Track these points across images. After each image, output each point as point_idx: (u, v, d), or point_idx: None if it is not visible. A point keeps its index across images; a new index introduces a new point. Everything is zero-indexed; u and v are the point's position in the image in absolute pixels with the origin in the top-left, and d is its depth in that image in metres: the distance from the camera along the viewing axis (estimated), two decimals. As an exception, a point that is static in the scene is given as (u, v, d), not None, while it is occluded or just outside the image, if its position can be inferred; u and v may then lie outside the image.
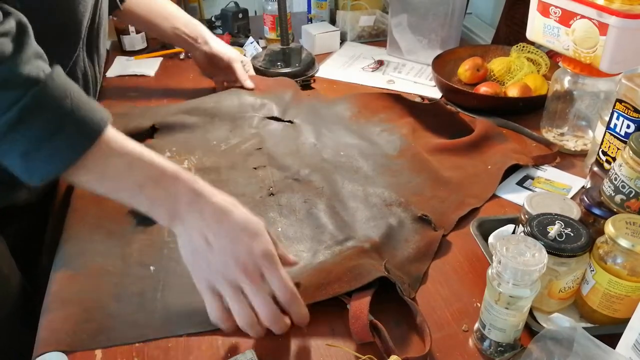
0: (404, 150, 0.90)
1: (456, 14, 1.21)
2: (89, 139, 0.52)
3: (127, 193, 0.55)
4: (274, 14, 1.31)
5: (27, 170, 0.51)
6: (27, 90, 0.49)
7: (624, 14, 0.73)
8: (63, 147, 0.51)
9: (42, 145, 0.50)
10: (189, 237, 0.55)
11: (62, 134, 0.51)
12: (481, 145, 0.90)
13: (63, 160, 0.51)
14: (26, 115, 0.49)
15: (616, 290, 0.55)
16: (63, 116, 0.51)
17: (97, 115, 0.53)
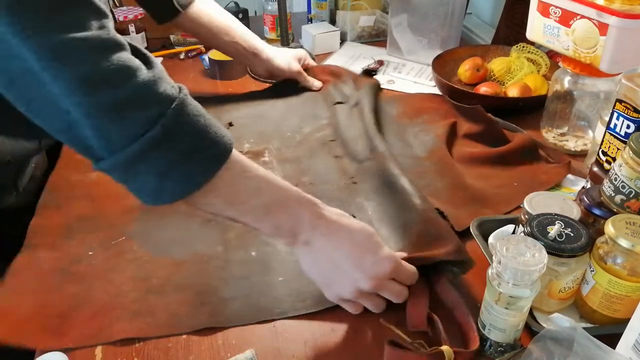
0: (434, 151, 0.89)
1: (456, 14, 1.21)
2: (221, 159, 0.52)
3: (253, 217, 0.56)
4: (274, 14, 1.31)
5: (159, 190, 0.51)
6: (167, 106, 0.49)
7: (624, 14, 0.73)
8: (198, 166, 0.51)
9: (180, 165, 0.50)
10: (315, 259, 0.58)
11: (198, 153, 0.51)
12: (512, 159, 0.87)
13: (197, 181, 0.51)
14: (169, 132, 0.48)
15: (616, 290, 0.55)
16: (199, 134, 0.51)
17: (225, 134, 0.53)
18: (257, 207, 0.55)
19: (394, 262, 0.58)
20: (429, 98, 1.06)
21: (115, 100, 0.46)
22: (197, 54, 1.30)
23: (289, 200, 0.57)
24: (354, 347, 0.57)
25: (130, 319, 0.60)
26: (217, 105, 1.05)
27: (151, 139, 0.48)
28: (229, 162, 0.53)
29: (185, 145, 0.50)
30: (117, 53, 0.47)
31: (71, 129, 0.48)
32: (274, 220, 0.56)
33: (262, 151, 0.91)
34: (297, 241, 0.57)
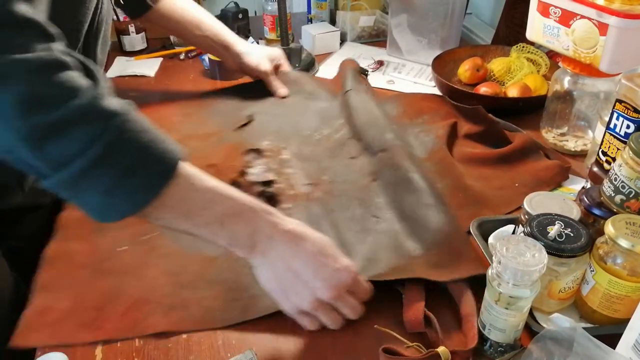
0: (434, 152, 0.89)
1: (456, 14, 1.21)
2: (167, 174, 0.51)
3: (207, 229, 0.55)
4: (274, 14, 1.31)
5: (105, 208, 0.50)
6: (108, 123, 0.48)
7: (624, 14, 0.73)
8: (143, 183, 0.50)
9: (124, 182, 0.49)
10: (273, 267, 0.57)
11: (143, 169, 0.50)
12: (513, 160, 0.87)
13: (143, 198, 0.50)
14: (110, 149, 0.48)
15: (616, 290, 0.55)
16: (143, 150, 0.50)
17: (172, 149, 0.52)
18: (210, 220, 0.54)
19: (354, 272, 0.58)
20: (429, 98, 1.06)
21: (52, 121, 0.46)
22: (197, 54, 1.30)
23: (244, 210, 0.56)
24: (354, 347, 0.57)
25: (164, 313, 0.60)
26: (238, 101, 1.06)
27: (93, 156, 0.47)
28: (178, 176, 0.52)
29: (128, 162, 0.49)
30: (57, 73, 0.47)
31: (12, 152, 0.47)
32: (229, 231, 0.55)
33: (281, 149, 0.91)
34: (255, 251, 0.56)
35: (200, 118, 1.01)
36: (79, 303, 0.62)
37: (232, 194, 0.56)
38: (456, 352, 0.53)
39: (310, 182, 0.83)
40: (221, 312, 0.61)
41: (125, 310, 0.61)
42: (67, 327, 0.59)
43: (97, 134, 0.47)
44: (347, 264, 0.58)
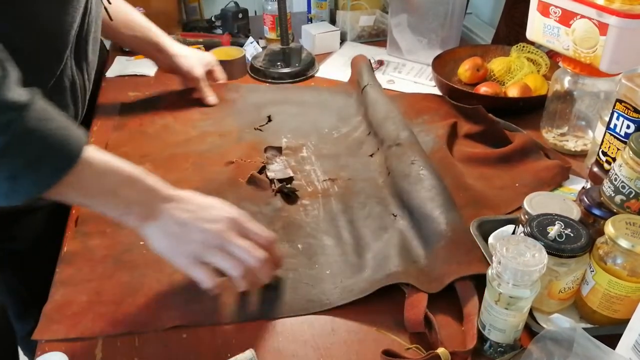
0: (434, 152, 0.89)
1: (456, 14, 1.21)
2: (70, 161, 0.53)
3: (102, 200, 0.57)
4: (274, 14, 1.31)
5: (10, 193, 0.52)
6: (14, 115, 0.50)
7: (624, 14, 0.73)
8: (48, 169, 0.52)
9: (29, 170, 0.51)
10: (164, 228, 0.58)
11: (47, 158, 0.52)
12: (513, 159, 0.87)
13: (48, 182, 0.52)
14: (15, 140, 0.50)
15: (616, 290, 0.55)
16: (48, 139, 0.52)
17: (74, 134, 0.54)
18: (105, 190, 0.56)
19: (242, 216, 0.60)
20: (429, 98, 1.06)
21: None
22: (197, 53, 1.29)
23: (137, 179, 0.58)
24: (354, 347, 0.57)
25: (180, 307, 0.61)
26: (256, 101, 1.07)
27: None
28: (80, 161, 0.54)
29: (33, 151, 0.51)
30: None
31: None
32: (123, 199, 0.57)
33: (300, 147, 0.92)
34: (147, 219, 0.58)
35: (219, 117, 1.02)
36: (99, 297, 0.63)
37: (125, 166, 0.58)
38: (456, 353, 0.53)
39: (328, 178, 0.84)
40: (237, 307, 0.62)
41: (144, 304, 0.62)
42: (87, 320, 0.60)
43: (1, 125, 0.49)
44: (236, 211, 0.61)
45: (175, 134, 0.96)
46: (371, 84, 1.04)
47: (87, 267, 0.67)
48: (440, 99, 1.05)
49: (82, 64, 0.77)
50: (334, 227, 0.74)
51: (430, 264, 0.66)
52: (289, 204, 0.79)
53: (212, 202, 0.61)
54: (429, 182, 0.76)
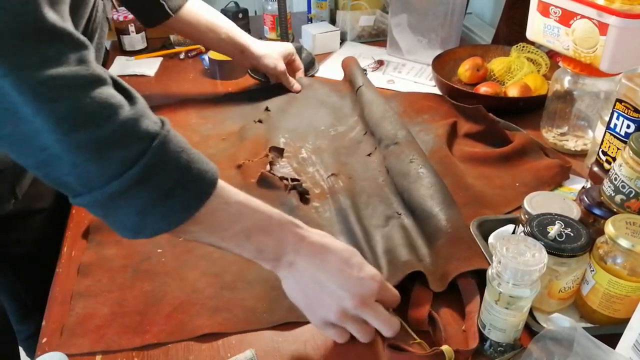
0: (434, 152, 0.89)
1: (456, 13, 1.21)
2: (203, 195, 0.50)
3: (234, 243, 0.54)
4: (274, 14, 1.31)
5: (140, 226, 0.49)
6: (149, 144, 0.47)
7: (624, 14, 0.73)
8: (180, 204, 0.49)
9: (161, 203, 0.48)
10: (299, 281, 0.56)
11: (180, 191, 0.49)
12: (514, 159, 0.87)
13: (179, 218, 0.49)
14: (150, 171, 0.47)
15: (616, 290, 0.55)
16: (181, 171, 0.49)
17: (209, 167, 0.52)
18: (238, 233, 0.54)
19: (379, 281, 0.57)
20: (429, 97, 1.06)
21: (95, 139, 0.45)
22: (197, 54, 1.30)
23: (271, 224, 0.55)
24: (354, 347, 0.57)
25: (209, 315, 0.61)
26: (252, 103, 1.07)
27: (131, 177, 0.46)
28: (213, 198, 0.51)
29: (167, 183, 0.48)
30: (97, 89, 0.46)
31: (46, 166, 0.46)
32: (256, 244, 0.54)
33: (299, 148, 0.91)
34: (281, 264, 0.56)
35: (218, 120, 1.01)
36: (121, 308, 0.61)
37: (261, 207, 0.55)
38: (459, 351, 0.53)
39: (331, 174, 0.84)
40: (266, 313, 0.61)
41: (170, 313, 0.61)
42: (112, 332, 0.58)
43: (137, 155, 0.46)
44: (372, 273, 0.57)
45: None
46: (366, 84, 1.04)
47: (105, 278, 0.65)
48: (440, 98, 1.05)
49: None
50: (346, 226, 0.73)
51: (433, 262, 0.66)
52: (304, 203, 0.78)
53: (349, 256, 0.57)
54: (428, 179, 0.76)
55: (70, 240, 0.72)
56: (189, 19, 1.01)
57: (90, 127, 0.44)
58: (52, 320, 0.60)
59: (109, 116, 0.45)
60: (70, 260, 0.69)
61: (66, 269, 0.67)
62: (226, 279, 0.65)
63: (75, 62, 0.45)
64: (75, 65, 0.45)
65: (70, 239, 0.73)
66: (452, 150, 0.91)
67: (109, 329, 0.59)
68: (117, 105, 0.46)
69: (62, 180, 0.47)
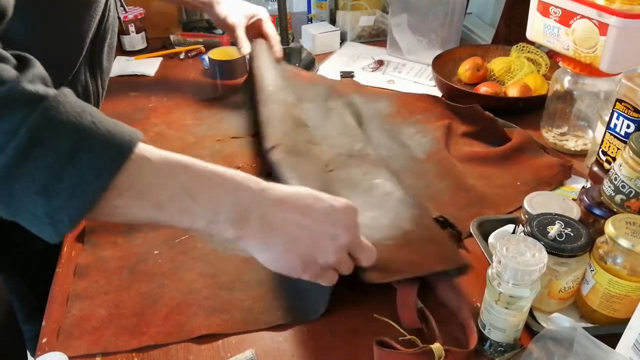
0: (433, 153, 0.88)
1: (456, 14, 1.21)
2: (121, 155, 0.42)
3: (178, 207, 0.44)
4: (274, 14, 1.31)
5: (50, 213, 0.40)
6: (34, 107, 0.39)
7: (624, 14, 0.73)
8: (90, 170, 0.40)
9: (64, 172, 0.40)
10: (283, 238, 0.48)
11: (86, 155, 0.40)
12: (513, 157, 0.87)
13: (92, 188, 0.40)
14: (37, 135, 0.39)
15: (616, 290, 0.55)
16: (83, 132, 0.41)
17: (126, 129, 0.43)
18: (178, 194, 0.44)
19: (355, 207, 0.52)
20: (423, 98, 1.06)
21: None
22: (197, 54, 1.30)
23: (216, 176, 0.46)
24: (354, 347, 0.57)
25: (206, 316, 0.60)
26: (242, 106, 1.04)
27: (16, 147, 0.38)
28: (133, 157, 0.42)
29: (64, 148, 0.39)
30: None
31: None
32: (206, 204, 0.45)
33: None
34: (249, 225, 0.46)
35: (213, 121, 1.01)
36: (118, 309, 0.61)
37: (197, 162, 0.46)
38: (452, 352, 0.53)
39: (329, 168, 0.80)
40: (264, 314, 0.60)
41: (167, 314, 0.61)
42: (109, 334, 0.58)
43: (18, 120, 0.39)
44: (343, 200, 0.52)
45: (172, 141, 0.94)
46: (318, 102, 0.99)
47: (102, 279, 0.65)
48: (434, 99, 1.05)
49: (96, 70, 0.76)
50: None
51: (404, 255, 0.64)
52: None
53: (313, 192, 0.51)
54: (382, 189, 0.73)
55: (70, 240, 0.72)
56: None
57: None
58: (51, 320, 0.60)
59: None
60: (70, 261, 0.69)
61: (66, 269, 0.68)
62: (223, 279, 0.65)
63: None
64: None
65: (70, 239, 0.72)
66: (451, 151, 0.91)
67: (106, 331, 0.58)
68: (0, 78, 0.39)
69: None
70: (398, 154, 0.89)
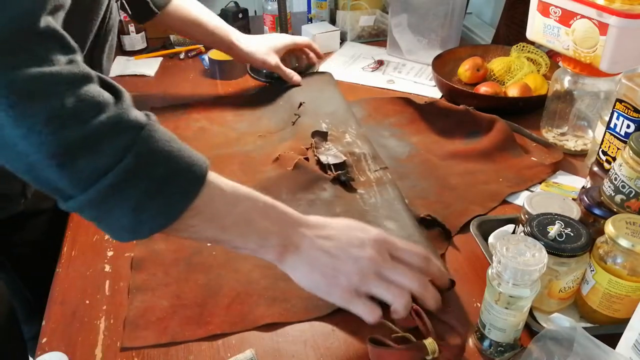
0: (413, 155, 0.89)
1: (456, 13, 1.21)
2: (199, 181, 0.49)
3: (237, 231, 0.53)
4: (274, 14, 1.31)
5: (135, 224, 0.47)
6: (137, 133, 0.46)
7: (624, 14, 0.73)
8: (176, 193, 0.48)
9: (156, 194, 0.47)
10: (309, 260, 0.54)
11: (174, 180, 0.48)
12: (495, 155, 0.89)
13: (176, 208, 0.48)
14: (141, 160, 0.46)
15: (616, 290, 0.55)
16: (172, 160, 0.48)
17: (197, 156, 0.50)
18: (238, 220, 0.52)
19: (386, 236, 0.56)
20: (394, 101, 1.06)
21: (83, 135, 0.44)
22: (197, 54, 1.30)
23: (268, 207, 0.54)
24: (354, 347, 0.57)
25: (268, 306, 0.61)
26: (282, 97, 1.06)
27: (123, 169, 0.45)
28: (207, 182, 0.50)
29: (159, 172, 0.47)
30: (85, 87, 0.45)
31: (31, 171, 0.44)
32: (258, 231, 0.53)
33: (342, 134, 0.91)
34: (287, 251, 0.54)
35: (254, 118, 1.02)
36: (180, 300, 0.62)
37: (253, 193, 0.54)
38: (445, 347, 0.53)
39: (380, 168, 0.83)
40: (323, 300, 0.60)
41: (229, 304, 0.62)
42: (175, 324, 0.59)
43: (127, 145, 0.45)
44: (376, 231, 0.57)
45: (215, 136, 0.95)
46: None
47: (159, 272, 0.66)
48: (405, 101, 1.05)
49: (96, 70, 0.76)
50: (393, 211, 0.73)
51: None
52: (346, 190, 0.78)
53: (350, 223, 0.58)
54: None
55: (70, 240, 0.72)
56: (177, 16, 1.02)
57: (78, 124, 0.44)
58: (52, 320, 0.60)
59: (96, 112, 0.45)
60: (70, 260, 0.69)
61: (66, 269, 0.68)
62: (278, 270, 0.65)
63: (65, 63, 0.45)
64: (65, 65, 0.44)
65: (70, 239, 0.73)
66: (432, 150, 0.91)
67: (171, 321, 0.59)
68: (104, 101, 0.46)
69: (52, 183, 0.45)
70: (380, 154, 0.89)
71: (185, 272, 0.66)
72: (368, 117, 1.02)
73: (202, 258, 0.68)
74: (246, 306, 0.61)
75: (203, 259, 0.68)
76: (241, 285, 0.64)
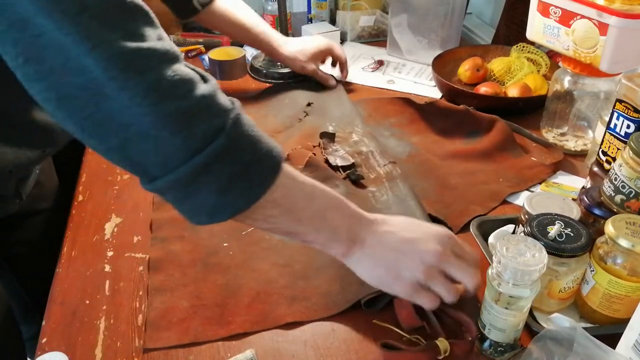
0: (413, 155, 0.90)
1: (456, 14, 1.21)
2: (277, 167, 0.50)
3: (312, 224, 0.54)
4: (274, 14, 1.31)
5: (218, 206, 0.48)
6: (228, 116, 0.47)
7: (624, 14, 0.73)
8: (257, 177, 0.49)
9: (241, 177, 0.48)
10: (373, 254, 0.56)
11: (257, 164, 0.49)
12: (495, 155, 0.89)
13: (257, 192, 0.49)
14: (232, 143, 0.47)
15: (616, 290, 0.55)
16: (256, 144, 0.49)
17: (274, 143, 0.52)
18: (315, 213, 0.54)
19: (450, 233, 0.58)
20: (394, 102, 1.06)
21: (180, 110, 0.45)
22: (197, 54, 1.30)
23: (341, 203, 0.56)
24: (354, 347, 0.57)
25: (288, 304, 0.61)
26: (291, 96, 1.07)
27: (215, 150, 0.46)
28: (283, 170, 0.51)
29: (246, 156, 0.48)
30: (177, 64, 0.46)
31: (125, 147, 0.45)
32: (331, 225, 0.55)
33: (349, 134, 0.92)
34: (354, 245, 0.56)
35: (259, 116, 1.02)
36: (200, 300, 0.62)
37: (327, 189, 0.56)
38: (455, 343, 0.53)
39: (389, 162, 0.84)
40: (341, 294, 0.61)
41: (249, 304, 0.62)
42: (196, 324, 0.59)
43: (219, 128, 0.46)
44: (439, 227, 0.59)
45: None
46: None
47: (177, 273, 0.66)
48: (405, 101, 1.05)
49: None
50: (405, 207, 0.74)
51: None
52: (358, 187, 0.79)
53: (413, 220, 0.60)
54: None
55: (70, 240, 0.72)
56: (219, 15, 1.03)
57: (175, 98, 0.44)
58: (51, 320, 0.60)
59: (191, 89, 0.46)
60: (70, 260, 0.69)
61: (66, 269, 0.68)
62: (296, 268, 0.66)
63: (155, 38, 0.46)
64: (156, 41, 0.45)
65: (70, 239, 0.73)
66: (433, 150, 0.91)
67: (192, 322, 0.59)
68: (196, 80, 0.47)
69: (142, 161, 0.46)
70: None
71: (203, 273, 0.66)
72: (368, 117, 1.02)
73: (218, 258, 0.68)
74: (267, 305, 0.61)
75: (220, 259, 0.68)
76: (260, 284, 0.64)
